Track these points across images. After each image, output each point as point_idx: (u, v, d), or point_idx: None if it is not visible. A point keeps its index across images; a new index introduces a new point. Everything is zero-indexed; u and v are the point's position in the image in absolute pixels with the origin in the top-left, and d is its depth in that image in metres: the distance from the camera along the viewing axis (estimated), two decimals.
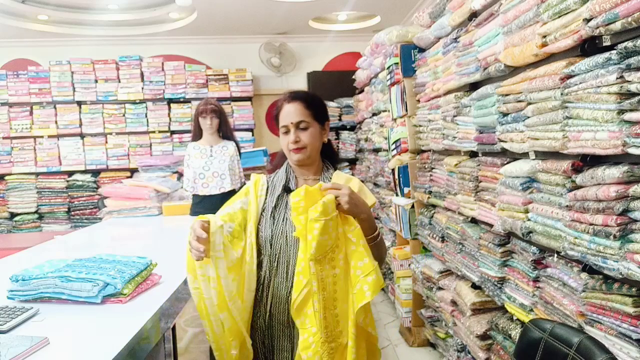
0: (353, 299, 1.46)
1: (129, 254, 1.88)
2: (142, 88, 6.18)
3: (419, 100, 3.48)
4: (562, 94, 1.71)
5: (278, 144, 1.80)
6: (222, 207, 1.72)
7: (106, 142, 6.21)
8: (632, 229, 1.46)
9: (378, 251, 1.61)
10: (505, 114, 2.19)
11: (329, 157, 1.81)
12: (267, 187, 1.75)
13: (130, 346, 1.29)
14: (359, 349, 1.48)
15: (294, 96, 1.71)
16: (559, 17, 1.73)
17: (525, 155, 2.08)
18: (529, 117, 1.96)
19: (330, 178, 1.72)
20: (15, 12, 5.52)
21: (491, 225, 2.37)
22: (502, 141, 2.22)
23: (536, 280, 2.02)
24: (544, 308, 1.95)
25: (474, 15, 2.56)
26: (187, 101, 6.28)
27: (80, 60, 6.12)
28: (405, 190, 3.66)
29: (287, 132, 1.68)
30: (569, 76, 1.68)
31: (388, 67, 3.91)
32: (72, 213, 6.18)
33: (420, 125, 3.47)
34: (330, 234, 1.43)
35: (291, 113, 1.67)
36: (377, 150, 5.06)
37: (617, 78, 1.44)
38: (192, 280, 1.53)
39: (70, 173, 6.19)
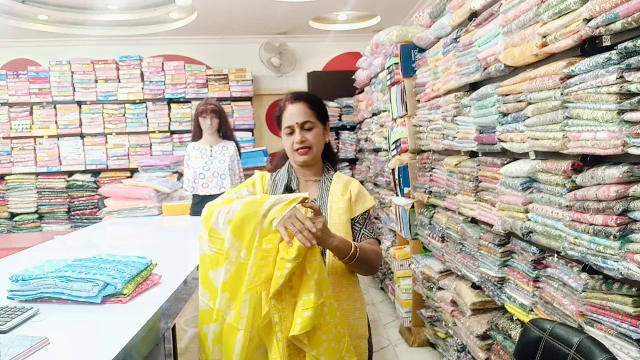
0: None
1: (129, 254, 1.88)
2: (142, 88, 6.18)
3: (419, 100, 3.48)
4: (562, 94, 1.71)
5: (278, 144, 1.80)
6: (228, 191, 1.70)
7: (106, 142, 6.22)
8: (632, 229, 1.46)
9: (363, 264, 1.59)
10: (505, 114, 2.19)
11: (329, 158, 1.81)
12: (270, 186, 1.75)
13: (130, 346, 1.29)
14: None
15: (297, 96, 1.71)
16: (559, 17, 1.73)
17: (525, 155, 2.08)
18: (529, 117, 1.96)
19: (331, 179, 1.72)
20: (15, 12, 5.52)
21: (491, 225, 2.37)
22: (502, 141, 2.22)
23: (536, 280, 2.02)
24: (544, 308, 1.95)
25: (474, 15, 2.56)
26: (187, 101, 6.28)
27: (80, 60, 6.12)
28: (405, 190, 3.66)
29: (291, 133, 1.68)
30: (569, 76, 1.68)
31: (388, 67, 3.91)
32: (72, 213, 6.18)
33: (420, 125, 3.47)
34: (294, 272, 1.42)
35: (295, 113, 1.67)
36: (377, 150, 5.06)
37: (617, 78, 1.44)
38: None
39: (70, 173, 6.20)
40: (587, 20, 1.57)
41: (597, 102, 1.54)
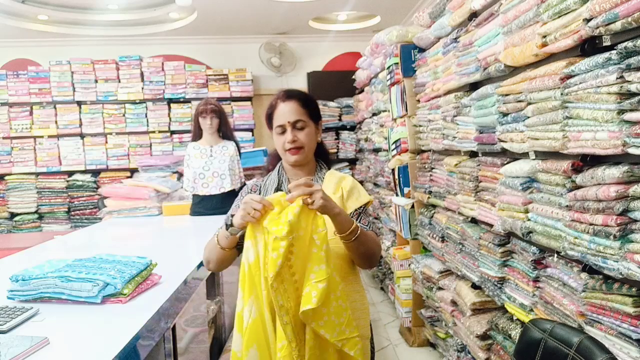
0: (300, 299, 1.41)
1: (129, 254, 1.88)
2: (142, 88, 6.18)
3: (419, 100, 3.48)
4: (562, 94, 1.71)
5: None
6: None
7: (106, 142, 6.22)
8: (632, 229, 1.46)
9: (364, 246, 1.53)
10: (505, 114, 2.19)
11: (322, 157, 1.77)
12: (259, 192, 1.72)
13: (130, 346, 1.30)
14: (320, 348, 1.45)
15: (289, 95, 1.67)
16: (559, 17, 1.73)
17: (525, 155, 2.08)
18: (529, 117, 1.96)
19: (323, 178, 1.69)
20: (15, 12, 5.52)
21: (491, 225, 2.37)
22: (502, 141, 2.22)
23: (536, 280, 2.02)
24: (544, 308, 1.95)
25: (474, 15, 2.56)
26: (187, 101, 6.28)
27: (80, 60, 6.12)
28: (405, 190, 3.66)
29: (283, 132, 1.64)
30: (569, 76, 1.68)
31: (388, 67, 3.91)
32: (72, 213, 6.18)
33: (420, 125, 3.47)
34: (293, 246, 1.39)
35: (287, 112, 1.63)
36: (377, 150, 5.06)
37: (617, 78, 1.44)
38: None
39: (70, 173, 6.20)
40: (587, 20, 1.57)
41: (597, 102, 1.54)
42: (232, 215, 1.52)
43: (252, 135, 6.47)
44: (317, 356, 1.44)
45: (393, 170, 3.86)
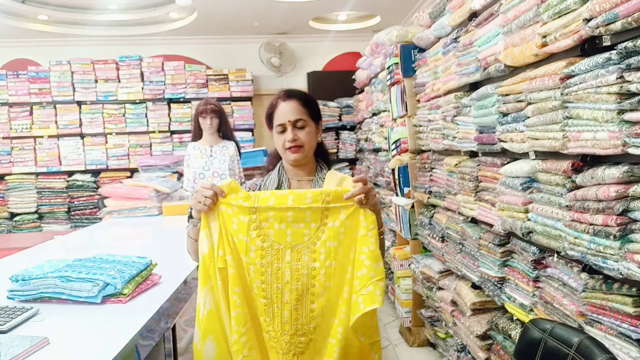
0: (357, 300, 1.41)
1: (129, 254, 1.88)
2: (142, 88, 6.18)
3: (419, 100, 3.48)
4: (562, 94, 1.71)
5: None
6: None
7: (106, 142, 6.22)
8: (632, 229, 1.46)
9: (381, 246, 1.57)
10: (505, 114, 2.19)
11: (322, 157, 1.78)
12: (260, 190, 1.72)
13: (130, 346, 1.29)
14: (346, 351, 1.45)
15: (290, 94, 1.68)
16: (559, 17, 1.73)
17: (525, 155, 2.08)
18: (529, 117, 1.96)
19: (324, 178, 1.69)
20: (15, 12, 5.52)
21: (491, 225, 2.37)
22: (502, 141, 2.22)
23: (536, 280, 2.03)
24: (544, 308, 1.95)
25: (474, 15, 2.56)
26: (187, 101, 6.28)
27: (80, 60, 6.12)
28: (405, 190, 3.66)
29: (283, 131, 1.65)
30: (569, 76, 1.68)
31: (388, 67, 3.91)
32: (72, 213, 6.18)
33: (420, 125, 3.47)
34: (308, 224, 1.43)
35: (288, 111, 1.64)
36: (377, 150, 5.06)
37: (617, 78, 1.44)
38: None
39: (70, 173, 6.20)
40: (587, 20, 1.57)
41: (597, 102, 1.54)
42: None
43: (252, 135, 6.47)
44: (318, 349, 1.47)
45: (393, 170, 3.86)
